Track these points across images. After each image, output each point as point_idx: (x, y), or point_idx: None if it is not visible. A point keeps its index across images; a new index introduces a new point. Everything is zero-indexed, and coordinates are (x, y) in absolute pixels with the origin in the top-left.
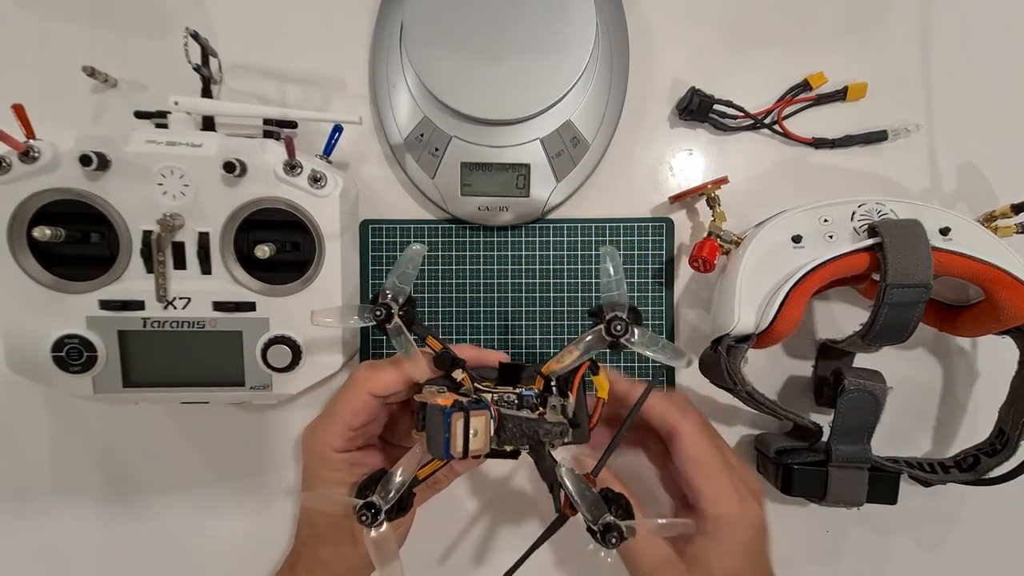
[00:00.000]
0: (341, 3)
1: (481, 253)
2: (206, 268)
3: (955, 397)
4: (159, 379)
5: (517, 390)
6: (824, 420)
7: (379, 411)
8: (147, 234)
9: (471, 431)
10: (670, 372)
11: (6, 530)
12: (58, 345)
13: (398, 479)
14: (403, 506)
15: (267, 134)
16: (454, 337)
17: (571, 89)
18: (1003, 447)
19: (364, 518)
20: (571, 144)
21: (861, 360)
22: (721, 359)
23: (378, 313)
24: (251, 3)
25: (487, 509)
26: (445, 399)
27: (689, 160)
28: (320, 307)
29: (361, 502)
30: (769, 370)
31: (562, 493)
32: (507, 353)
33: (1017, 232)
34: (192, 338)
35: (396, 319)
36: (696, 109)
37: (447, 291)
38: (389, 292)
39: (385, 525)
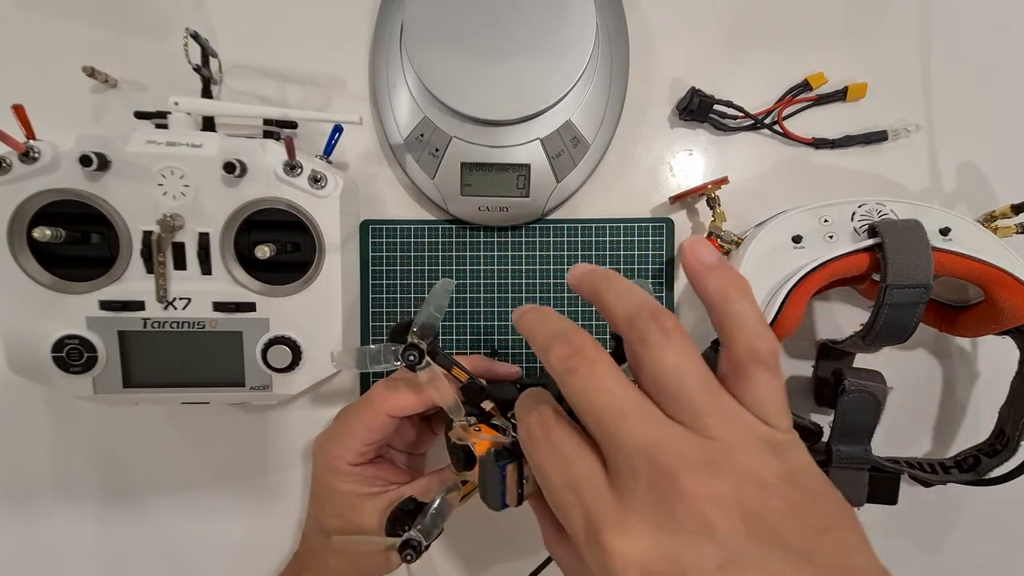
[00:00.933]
0: (341, 3)
1: (481, 253)
2: (206, 268)
3: (955, 397)
4: (159, 380)
5: None
6: (824, 420)
7: (393, 427)
8: (147, 234)
9: (524, 478)
10: None
11: (6, 530)
12: (58, 346)
13: (433, 511)
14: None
15: (267, 134)
16: (454, 338)
17: (571, 89)
18: (1003, 447)
19: (408, 557)
20: (571, 144)
21: (861, 360)
22: None
23: (411, 357)
24: (251, 3)
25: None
26: (484, 440)
27: (689, 160)
28: (320, 307)
29: (399, 541)
30: None
31: None
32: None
33: (1017, 232)
34: (192, 338)
35: (427, 359)
36: (696, 109)
37: None
38: (417, 329)
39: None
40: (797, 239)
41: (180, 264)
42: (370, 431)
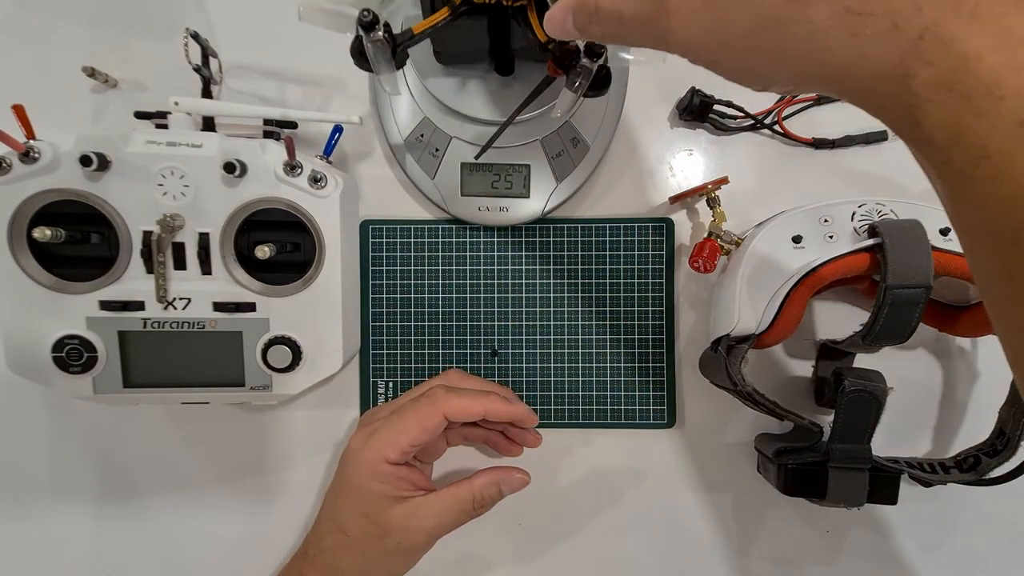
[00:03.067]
0: (341, 3)
1: (481, 253)
2: (206, 269)
3: (955, 397)
4: (159, 380)
5: None
6: (824, 420)
7: (441, 431)
8: (147, 234)
9: None
10: (671, 383)
11: (6, 530)
12: (58, 346)
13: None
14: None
15: (267, 134)
16: (454, 339)
17: None
18: (1003, 447)
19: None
20: (571, 144)
21: (861, 360)
22: (721, 359)
23: (364, 14)
24: (251, 3)
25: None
26: None
27: (689, 160)
28: (320, 307)
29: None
30: (769, 370)
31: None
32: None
33: None
34: (192, 339)
35: (381, 31)
36: (696, 109)
37: (447, 291)
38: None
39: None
40: (797, 239)
41: (180, 264)
42: (423, 430)
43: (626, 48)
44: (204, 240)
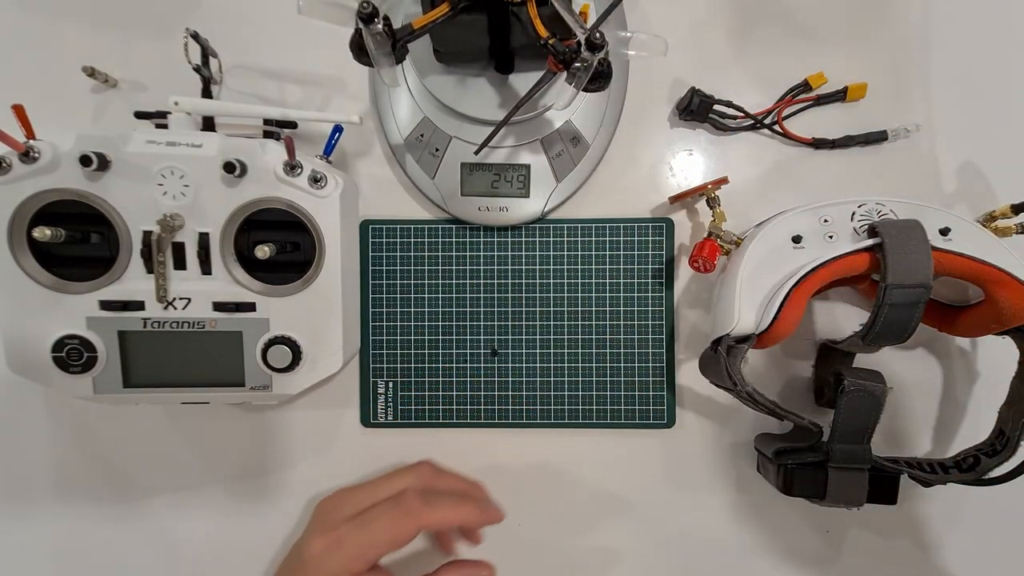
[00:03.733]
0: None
1: (481, 253)
2: (206, 268)
3: (955, 397)
4: (159, 380)
5: None
6: (824, 420)
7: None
8: (147, 234)
9: None
10: (671, 383)
11: (6, 530)
12: (58, 345)
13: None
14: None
15: (267, 134)
16: (454, 339)
17: None
18: (1003, 447)
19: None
20: (571, 144)
21: (861, 360)
22: (721, 359)
23: (363, 6)
24: (251, 3)
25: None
26: None
27: (689, 160)
28: (320, 307)
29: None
30: (769, 370)
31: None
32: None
33: (1017, 232)
34: (192, 338)
35: (380, 24)
36: (696, 109)
37: (447, 291)
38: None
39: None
40: (797, 239)
41: (180, 264)
42: (394, 544)
43: (626, 44)
44: (204, 240)
